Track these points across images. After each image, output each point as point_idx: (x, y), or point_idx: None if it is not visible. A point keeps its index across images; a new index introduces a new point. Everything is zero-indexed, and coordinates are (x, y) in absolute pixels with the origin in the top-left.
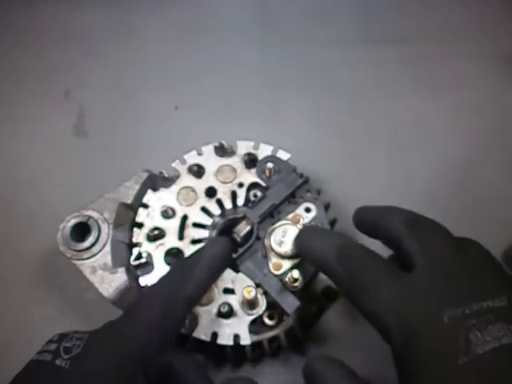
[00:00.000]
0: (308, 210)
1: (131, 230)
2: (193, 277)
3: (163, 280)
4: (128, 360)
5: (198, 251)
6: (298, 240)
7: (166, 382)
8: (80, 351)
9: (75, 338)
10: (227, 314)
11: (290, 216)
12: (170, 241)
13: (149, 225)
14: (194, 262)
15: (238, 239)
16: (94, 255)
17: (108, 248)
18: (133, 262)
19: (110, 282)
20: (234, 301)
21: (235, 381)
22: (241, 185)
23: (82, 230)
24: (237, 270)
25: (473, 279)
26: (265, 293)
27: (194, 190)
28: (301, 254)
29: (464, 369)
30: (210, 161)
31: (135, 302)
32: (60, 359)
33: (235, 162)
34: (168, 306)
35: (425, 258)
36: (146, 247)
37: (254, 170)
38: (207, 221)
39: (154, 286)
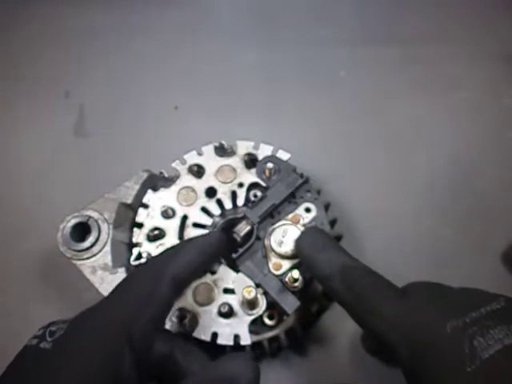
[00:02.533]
0: (308, 210)
1: (131, 230)
2: (182, 255)
3: (152, 258)
4: (110, 336)
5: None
6: (300, 248)
7: (166, 369)
8: (63, 333)
9: (61, 322)
10: (227, 313)
11: (290, 216)
12: (170, 241)
13: (149, 225)
14: (186, 242)
15: (238, 239)
16: (94, 255)
17: (108, 248)
18: (133, 262)
19: (110, 282)
20: (234, 301)
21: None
22: (241, 185)
23: (82, 230)
24: (237, 270)
25: (464, 293)
26: (265, 293)
27: (194, 190)
28: (301, 262)
29: (473, 375)
30: (210, 161)
31: (121, 281)
32: (44, 342)
33: (235, 161)
34: (153, 282)
35: (415, 286)
36: (146, 247)
37: (254, 170)
38: (207, 221)
39: (143, 263)
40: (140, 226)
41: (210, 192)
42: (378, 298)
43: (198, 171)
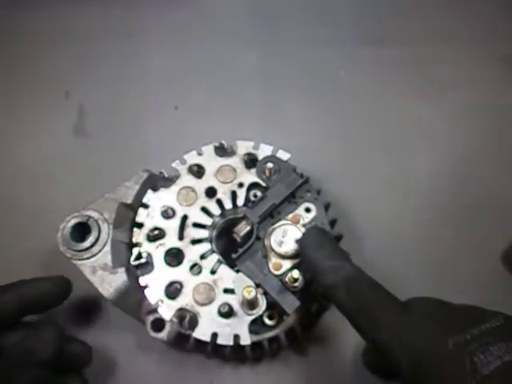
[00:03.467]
0: (308, 210)
1: (131, 230)
2: None
3: None
4: None
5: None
6: (303, 250)
7: None
8: None
9: None
10: (227, 313)
11: (290, 216)
12: (170, 241)
13: (149, 225)
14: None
15: (238, 239)
16: (94, 255)
17: (108, 248)
18: (133, 262)
19: (110, 282)
20: (234, 301)
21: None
22: (241, 185)
23: (82, 230)
24: (237, 270)
25: (464, 310)
26: (265, 293)
27: (194, 190)
28: (304, 263)
29: None
30: (210, 161)
31: None
32: None
33: (235, 161)
34: None
35: (417, 301)
36: (146, 247)
37: (254, 170)
38: (207, 221)
39: None
40: (140, 225)
41: (210, 192)
42: (382, 311)
43: (198, 171)
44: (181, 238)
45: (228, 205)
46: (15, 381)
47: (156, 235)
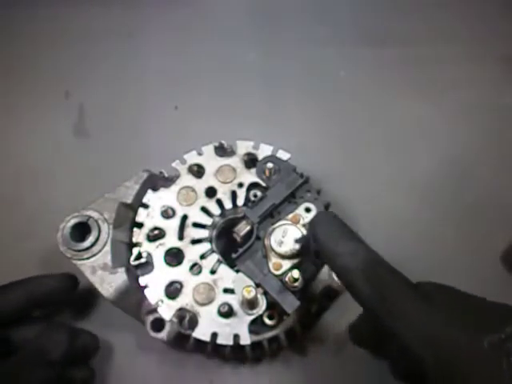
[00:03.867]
0: (308, 210)
1: (131, 230)
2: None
3: None
4: None
5: None
6: (315, 234)
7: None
8: None
9: None
10: (227, 313)
11: (290, 216)
12: (170, 241)
13: (149, 225)
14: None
15: (238, 239)
16: (94, 255)
17: (108, 248)
18: (133, 262)
19: (110, 282)
20: (234, 301)
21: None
22: (241, 185)
23: (82, 230)
24: (237, 270)
25: (491, 307)
26: (265, 293)
27: (194, 190)
28: (312, 246)
29: None
30: (210, 161)
31: None
32: None
33: (235, 161)
34: None
35: (437, 289)
36: (146, 247)
37: (253, 170)
38: (207, 221)
39: None
40: (140, 225)
41: (210, 192)
42: (403, 300)
43: (198, 171)
44: (181, 237)
45: (228, 205)
46: (25, 379)
47: (156, 235)
